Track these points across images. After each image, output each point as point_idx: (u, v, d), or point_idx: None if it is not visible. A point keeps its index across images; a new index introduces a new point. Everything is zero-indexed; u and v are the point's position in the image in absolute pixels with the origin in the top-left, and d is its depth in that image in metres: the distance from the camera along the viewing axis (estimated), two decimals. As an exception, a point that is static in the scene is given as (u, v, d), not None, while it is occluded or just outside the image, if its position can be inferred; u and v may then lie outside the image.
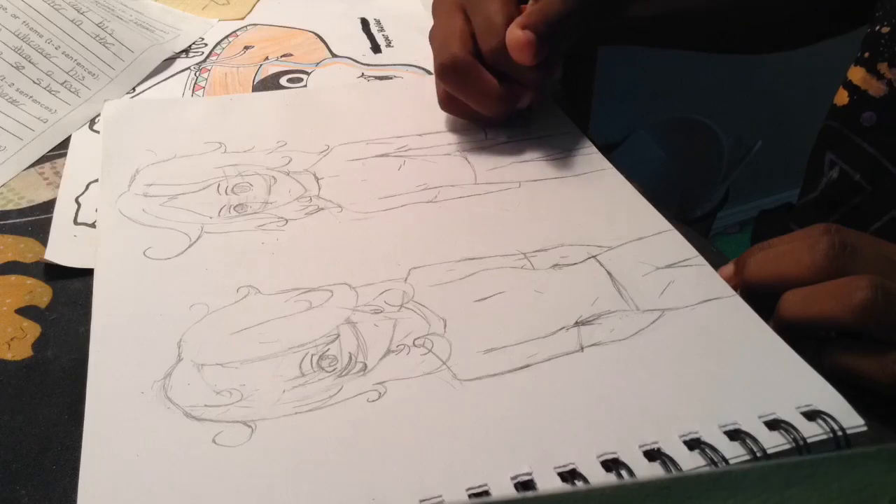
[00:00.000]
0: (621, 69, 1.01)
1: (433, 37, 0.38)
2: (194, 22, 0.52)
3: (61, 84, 0.41)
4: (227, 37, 0.50)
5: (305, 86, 0.45)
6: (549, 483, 0.22)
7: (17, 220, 0.34)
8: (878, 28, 0.35)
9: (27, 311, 0.29)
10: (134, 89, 0.44)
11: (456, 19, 0.36)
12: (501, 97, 0.36)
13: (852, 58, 0.38)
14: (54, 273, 0.31)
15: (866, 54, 0.36)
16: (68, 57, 0.43)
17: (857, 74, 0.36)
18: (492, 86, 0.36)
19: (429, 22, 0.53)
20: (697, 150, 1.12)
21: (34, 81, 0.41)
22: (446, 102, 0.39)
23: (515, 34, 0.33)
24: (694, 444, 0.23)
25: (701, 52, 0.48)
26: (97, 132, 0.40)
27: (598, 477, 0.22)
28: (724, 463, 0.23)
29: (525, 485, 0.22)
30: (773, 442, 0.23)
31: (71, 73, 0.42)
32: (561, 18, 0.35)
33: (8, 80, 0.40)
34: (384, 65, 0.48)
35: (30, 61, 0.41)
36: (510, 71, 0.36)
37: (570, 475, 0.22)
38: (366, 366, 0.26)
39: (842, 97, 0.37)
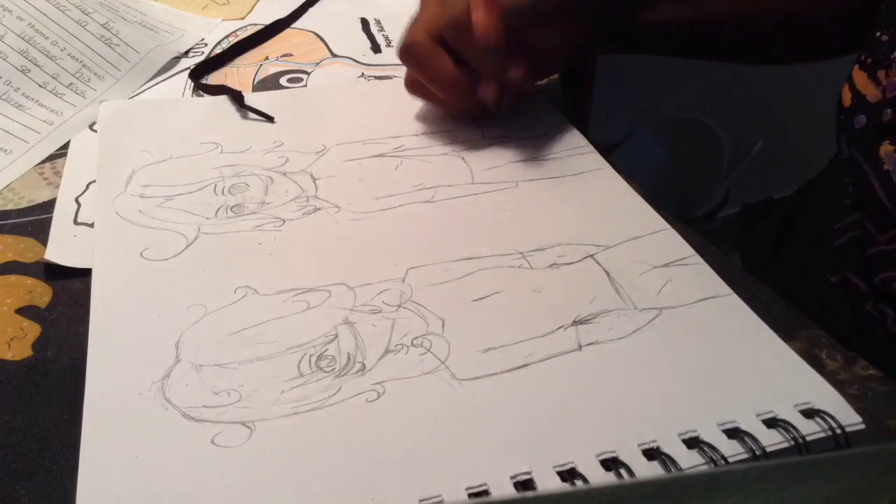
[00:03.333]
0: (621, 69, 1.01)
1: None
2: (198, 22, 0.52)
3: (67, 87, 0.41)
4: (226, 37, 0.50)
5: (305, 86, 0.45)
6: (548, 482, 0.22)
7: (17, 220, 0.34)
8: (878, 35, 0.35)
9: (27, 311, 0.29)
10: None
11: (431, 5, 0.37)
12: (456, 82, 0.36)
13: (852, 58, 0.38)
14: (54, 273, 0.31)
15: (869, 60, 0.36)
16: (74, 59, 0.43)
17: (860, 78, 0.36)
18: (447, 70, 0.36)
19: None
20: (697, 150, 1.12)
21: (40, 85, 0.41)
22: (411, 85, 0.39)
23: (479, 16, 0.33)
24: (693, 442, 0.23)
25: (699, 60, 0.49)
26: (97, 132, 0.40)
27: (598, 476, 0.22)
28: (723, 462, 0.23)
29: (524, 484, 0.22)
30: (772, 440, 0.23)
31: (77, 74, 0.42)
32: (531, 7, 0.34)
33: (14, 85, 0.40)
34: (384, 65, 0.48)
35: (35, 64, 0.41)
36: (466, 55, 0.36)
37: (569, 474, 0.22)
38: (364, 366, 0.26)
39: (846, 98, 0.37)
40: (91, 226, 0.33)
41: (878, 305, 0.37)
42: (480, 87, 0.37)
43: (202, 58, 0.47)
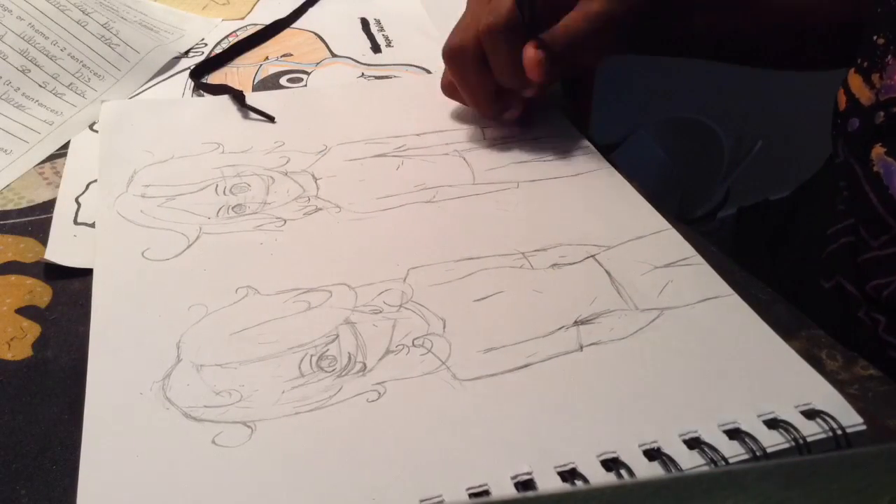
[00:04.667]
0: (621, 69, 1.01)
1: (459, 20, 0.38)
2: (198, 22, 0.52)
3: (67, 87, 0.41)
4: (226, 37, 0.50)
5: (305, 86, 0.45)
6: (549, 482, 0.22)
7: (17, 220, 0.34)
8: (875, 38, 0.35)
9: (27, 311, 0.29)
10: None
11: (482, 6, 0.36)
12: (491, 95, 0.36)
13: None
14: (54, 273, 0.31)
15: (865, 63, 0.36)
16: (74, 59, 0.43)
17: (855, 82, 0.36)
18: (486, 82, 0.36)
19: (428, 22, 0.53)
20: (697, 150, 1.12)
21: (40, 85, 0.41)
22: (447, 87, 0.39)
23: (531, 52, 0.34)
24: (693, 443, 0.23)
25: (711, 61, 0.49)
26: (97, 132, 0.40)
27: (598, 476, 0.22)
28: (723, 462, 0.23)
29: (525, 484, 0.22)
30: (773, 441, 0.23)
31: (77, 74, 0.42)
32: (580, 41, 0.35)
33: (14, 85, 0.40)
34: (384, 65, 0.48)
35: (35, 64, 0.41)
36: (496, 67, 0.36)
37: (570, 475, 0.22)
38: (365, 366, 0.26)
39: (842, 101, 0.37)
40: (91, 226, 0.33)
41: (870, 312, 0.37)
42: (512, 107, 0.38)
43: (202, 58, 0.47)
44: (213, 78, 0.46)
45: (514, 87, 0.37)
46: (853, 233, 0.38)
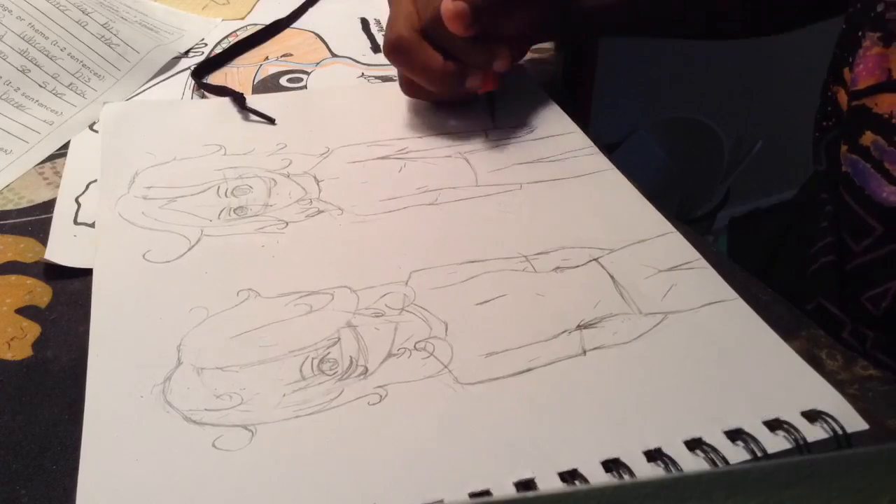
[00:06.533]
0: (622, 69, 1.01)
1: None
2: (198, 22, 0.52)
3: (67, 87, 0.41)
4: (226, 37, 0.50)
5: (305, 86, 0.45)
6: (551, 487, 0.22)
7: (17, 220, 0.34)
8: (858, 33, 0.35)
9: (27, 311, 0.29)
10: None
11: (404, 4, 0.37)
12: (445, 74, 0.37)
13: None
14: (54, 273, 0.31)
15: (852, 59, 0.36)
16: (74, 59, 0.42)
17: (847, 76, 0.36)
18: (435, 62, 0.36)
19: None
20: (697, 150, 1.12)
21: (40, 85, 0.41)
22: (405, 86, 0.40)
23: (447, 4, 0.34)
24: (696, 446, 0.23)
25: (670, 40, 0.48)
26: (97, 132, 0.40)
27: (601, 481, 0.22)
28: (725, 465, 0.22)
29: (527, 488, 0.22)
30: (775, 443, 0.23)
31: (77, 74, 0.42)
32: None
33: (14, 85, 0.40)
34: (384, 65, 0.48)
35: (35, 64, 0.41)
36: (451, 48, 0.36)
37: (571, 478, 0.22)
38: (366, 369, 0.25)
39: (843, 100, 0.37)
40: (91, 226, 0.33)
41: (857, 329, 0.36)
42: (468, 79, 0.37)
43: (202, 58, 0.47)
44: (213, 78, 0.45)
45: (481, 64, 0.37)
46: (835, 251, 0.37)
